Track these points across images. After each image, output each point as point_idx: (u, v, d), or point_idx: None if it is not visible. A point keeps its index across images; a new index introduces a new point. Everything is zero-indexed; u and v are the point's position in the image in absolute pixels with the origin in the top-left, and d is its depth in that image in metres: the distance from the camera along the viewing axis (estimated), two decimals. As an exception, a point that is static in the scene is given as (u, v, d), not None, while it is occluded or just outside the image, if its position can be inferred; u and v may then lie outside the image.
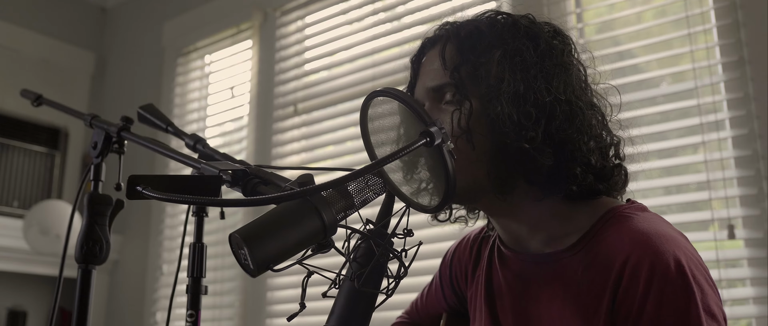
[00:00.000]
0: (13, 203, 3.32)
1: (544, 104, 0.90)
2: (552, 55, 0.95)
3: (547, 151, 0.89)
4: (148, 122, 1.18)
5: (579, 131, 0.91)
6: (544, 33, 0.97)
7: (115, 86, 3.78)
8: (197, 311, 1.03)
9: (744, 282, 1.74)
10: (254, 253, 0.70)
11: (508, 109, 0.89)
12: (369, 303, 0.85)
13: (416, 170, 0.90)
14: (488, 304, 1.05)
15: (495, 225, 1.06)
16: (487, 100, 0.91)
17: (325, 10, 2.85)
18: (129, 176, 0.78)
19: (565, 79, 0.94)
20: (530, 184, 0.93)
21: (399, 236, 0.85)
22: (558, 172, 0.91)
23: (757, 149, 1.74)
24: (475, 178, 0.93)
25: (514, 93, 0.90)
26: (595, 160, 0.92)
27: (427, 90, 0.97)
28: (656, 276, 0.82)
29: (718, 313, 0.84)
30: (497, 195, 0.93)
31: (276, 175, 0.83)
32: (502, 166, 0.92)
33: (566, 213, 0.95)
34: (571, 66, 0.97)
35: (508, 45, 0.93)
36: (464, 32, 0.97)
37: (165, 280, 3.15)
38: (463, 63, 0.94)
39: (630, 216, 0.92)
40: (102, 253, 1.08)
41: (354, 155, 2.60)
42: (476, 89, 0.92)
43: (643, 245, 0.85)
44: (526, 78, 0.91)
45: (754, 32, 1.78)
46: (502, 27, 0.96)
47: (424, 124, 0.79)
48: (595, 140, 0.93)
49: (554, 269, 0.95)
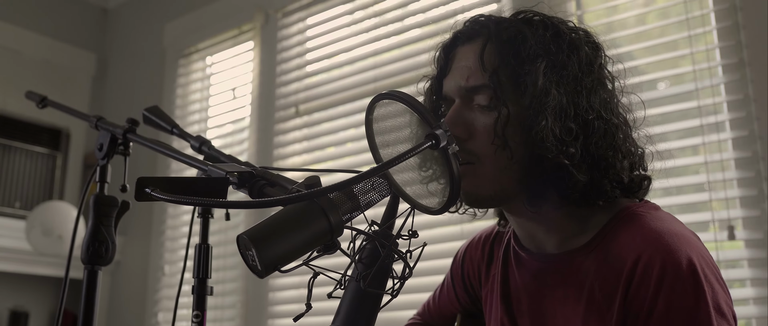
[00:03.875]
0: (15, 204, 3.33)
1: (586, 121, 0.90)
2: (592, 69, 0.94)
3: (583, 167, 0.90)
4: (154, 124, 1.18)
5: (614, 148, 0.92)
6: (582, 43, 0.96)
7: (116, 87, 3.78)
8: (203, 312, 1.03)
9: (744, 282, 1.75)
10: (262, 254, 0.70)
11: (551, 123, 0.88)
12: (374, 303, 0.85)
13: (422, 172, 0.91)
14: (504, 304, 1.05)
15: (512, 224, 1.06)
16: (530, 111, 0.90)
17: (327, 11, 2.86)
18: (138, 178, 0.79)
19: (603, 94, 0.94)
20: (563, 198, 0.93)
21: (404, 237, 0.85)
22: (590, 187, 0.91)
23: (757, 150, 1.75)
24: (504, 186, 0.93)
25: (559, 107, 0.89)
26: (626, 177, 0.93)
27: (460, 88, 0.96)
28: (668, 274, 0.83)
29: (728, 312, 0.85)
30: (529, 206, 0.94)
31: (282, 177, 0.84)
32: (537, 179, 0.92)
33: (582, 214, 0.96)
34: (606, 80, 0.97)
35: (553, 56, 0.92)
36: (507, 35, 0.95)
37: (167, 281, 3.16)
38: (503, 66, 0.93)
39: (643, 214, 0.92)
40: (108, 254, 1.09)
41: (355, 156, 2.61)
42: (515, 96, 0.92)
43: (656, 243, 0.86)
44: (569, 92, 0.91)
45: (754, 34, 1.79)
46: (543, 33, 0.94)
47: (429, 127, 0.79)
48: (628, 157, 0.94)
49: (568, 268, 0.96)
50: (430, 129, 0.79)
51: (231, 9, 3.19)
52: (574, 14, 2.15)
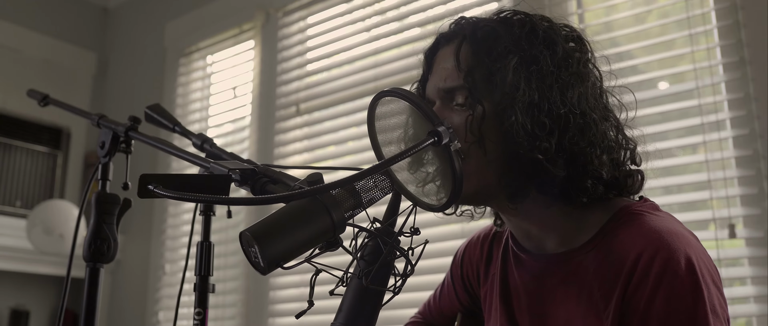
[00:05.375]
0: (16, 203, 3.33)
1: (559, 115, 0.90)
2: (569, 64, 0.93)
3: (559, 163, 0.89)
4: (156, 122, 1.19)
5: (591, 144, 0.91)
6: (561, 39, 0.95)
7: (117, 86, 3.78)
8: (205, 309, 1.03)
9: (744, 281, 1.75)
10: (265, 251, 0.70)
11: (522, 118, 0.88)
12: (376, 300, 0.85)
13: (423, 169, 0.91)
14: (504, 304, 1.05)
15: (507, 223, 1.07)
16: (500, 107, 0.90)
17: (327, 10, 2.86)
18: (140, 175, 0.79)
19: (580, 89, 0.93)
20: (542, 194, 0.93)
21: (406, 234, 0.85)
22: (569, 184, 0.91)
23: (758, 149, 1.75)
24: (485, 183, 0.93)
25: (529, 102, 0.89)
26: (606, 172, 0.92)
27: (438, 90, 0.97)
28: (667, 272, 0.83)
29: (722, 314, 0.85)
30: (509, 203, 0.94)
31: (284, 174, 0.84)
32: (514, 175, 0.92)
33: (577, 214, 0.96)
34: (587, 75, 0.96)
35: (525, 52, 0.92)
36: (481, 34, 0.95)
37: (167, 280, 3.16)
38: (477, 66, 0.93)
39: (643, 213, 0.92)
40: (110, 252, 1.10)
41: (356, 155, 2.61)
42: (489, 94, 0.91)
43: (656, 242, 0.86)
44: (541, 87, 0.90)
45: (754, 33, 1.80)
46: (519, 31, 0.94)
47: (431, 124, 0.79)
48: (607, 153, 0.93)
49: (568, 268, 0.96)
50: (431, 126, 0.79)
51: (232, 8, 3.19)
52: (574, 13, 2.15)
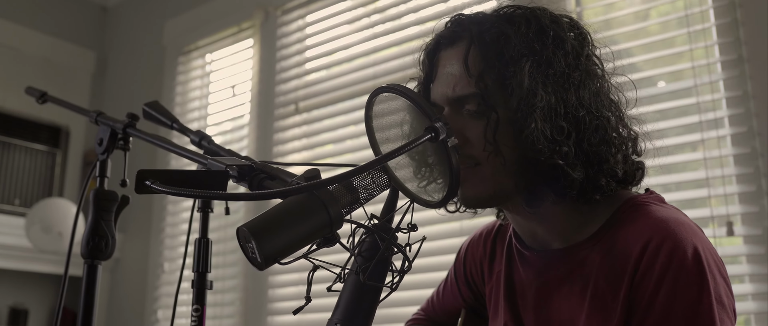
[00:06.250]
0: (15, 201, 3.33)
1: (576, 118, 0.89)
2: (578, 62, 0.92)
3: (578, 166, 0.89)
4: (154, 119, 1.19)
5: (606, 143, 0.91)
6: (566, 34, 0.94)
7: (116, 85, 3.78)
8: (202, 306, 1.03)
9: (743, 278, 1.75)
10: (262, 246, 0.70)
11: (541, 124, 0.87)
12: (374, 297, 0.85)
13: (421, 165, 0.91)
14: (509, 301, 1.05)
15: (511, 221, 1.06)
16: (519, 114, 0.88)
17: (326, 9, 2.86)
18: (138, 171, 0.79)
19: (591, 87, 0.92)
20: (559, 197, 0.92)
21: (403, 231, 0.85)
22: (586, 183, 0.90)
23: (756, 147, 1.75)
24: (500, 188, 0.93)
25: (548, 107, 0.88)
26: (620, 170, 0.92)
27: (448, 98, 0.94)
28: (674, 262, 0.83)
29: (728, 304, 0.85)
30: (527, 208, 0.93)
31: (282, 170, 0.85)
32: (532, 180, 0.91)
33: (584, 209, 0.95)
34: (594, 69, 0.95)
35: (537, 54, 0.90)
36: (489, 36, 0.92)
37: (166, 278, 3.16)
38: (488, 71, 0.90)
39: (649, 204, 0.93)
40: (108, 249, 1.09)
41: (354, 153, 2.61)
42: (503, 100, 0.90)
43: (663, 231, 0.86)
44: (557, 91, 0.89)
45: (752, 31, 1.80)
46: (527, 30, 0.92)
47: (429, 120, 0.79)
48: (621, 150, 0.93)
49: (573, 263, 0.95)
50: (429, 122, 0.79)
51: (231, 6, 3.19)
52: (573, 11, 2.15)
